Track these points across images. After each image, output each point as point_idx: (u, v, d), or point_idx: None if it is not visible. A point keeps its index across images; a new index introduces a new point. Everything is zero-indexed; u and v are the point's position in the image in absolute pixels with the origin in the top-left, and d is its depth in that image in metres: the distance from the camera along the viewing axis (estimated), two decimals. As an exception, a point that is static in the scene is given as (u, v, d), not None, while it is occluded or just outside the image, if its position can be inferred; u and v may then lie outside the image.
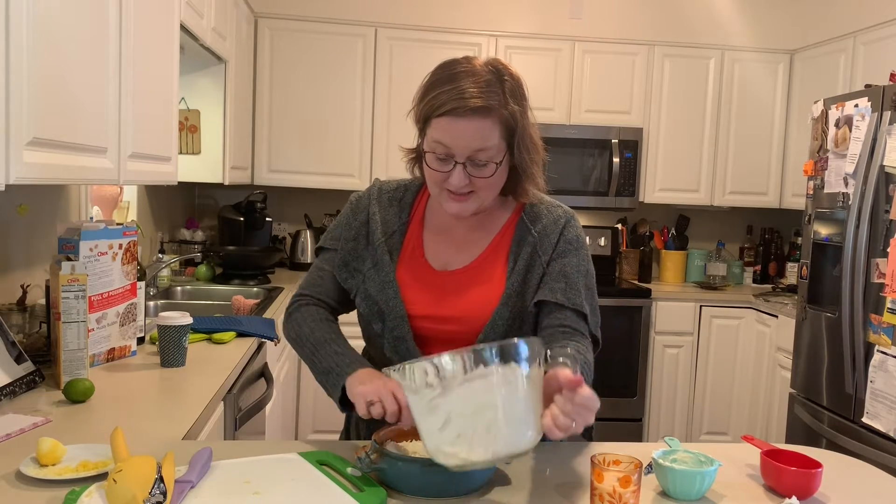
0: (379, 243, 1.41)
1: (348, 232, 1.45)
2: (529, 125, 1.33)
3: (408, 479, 1.14)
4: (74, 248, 1.81)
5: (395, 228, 1.43)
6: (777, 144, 4.27)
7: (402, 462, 1.14)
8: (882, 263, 2.66)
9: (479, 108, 1.24)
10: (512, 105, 1.28)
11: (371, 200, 1.46)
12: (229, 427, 1.88)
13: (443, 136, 1.26)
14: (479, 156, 1.27)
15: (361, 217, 1.45)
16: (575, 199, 4.11)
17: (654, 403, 4.02)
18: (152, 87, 2.13)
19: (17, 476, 1.17)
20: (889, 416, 2.61)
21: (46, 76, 1.45)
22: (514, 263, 1.38)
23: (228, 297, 3.14)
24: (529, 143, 1.33)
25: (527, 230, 1.40)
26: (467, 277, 1.39)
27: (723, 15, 4.19)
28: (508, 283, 1.36)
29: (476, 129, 1.25)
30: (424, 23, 4.00)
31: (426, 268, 1.40)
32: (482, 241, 1.41)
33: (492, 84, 1.27)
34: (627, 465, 1.09)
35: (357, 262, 1.43)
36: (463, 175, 1.28)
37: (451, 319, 1.36)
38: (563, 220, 1.41)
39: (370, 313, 1.40)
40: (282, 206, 4.29)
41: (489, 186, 1.31)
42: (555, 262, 1.38)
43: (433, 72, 1.32)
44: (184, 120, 3.21)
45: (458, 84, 1.25)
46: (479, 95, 1.24)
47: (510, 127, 1.29)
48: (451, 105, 1.24)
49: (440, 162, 1.29)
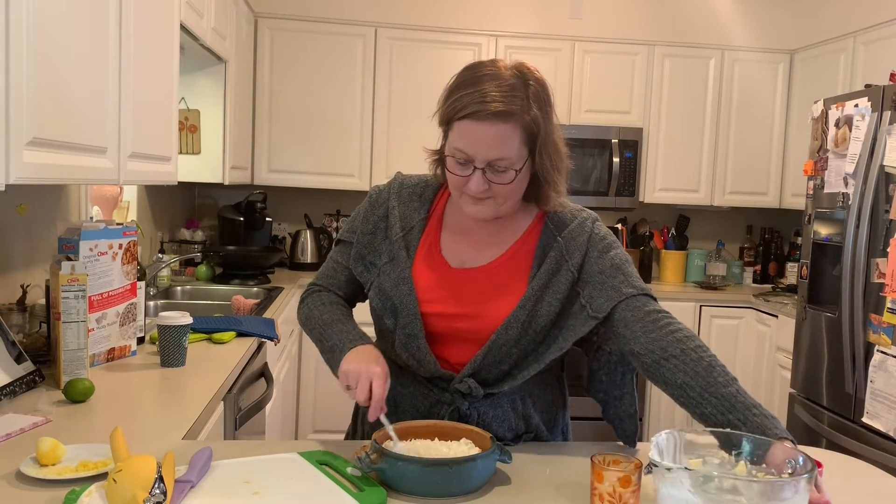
0: (396, 238, 1.39)
1: (365, 225, 1.44)
2: (553, 131, 1.31)
3: (408, 479, 1.14)
4: (74, 248, 1.81)
5: (414, 224, 1.41)
6: (777, 144, 4.27)
7: (402, 462, 1.14)
8: (882, 263, 2.66)
9: (501, 113, 1.23)
10: (535, 110, 1.27)
11: (391, 194, 1.44)
12: (229, 427, 1.88)
13: (463, 140, 1.26)
14: (498, 163, 1.26)
15: (380, 211, 1.44)
16: (575, 199, 4.03)
17: (654, 403, 4.02)
18: (152, 87, 2.13)
19: (17, 476, 1.17)
20: (889, 415, 2.61)
21: (46, 76, 1.45)
22: (537, 268, 1.35)
23: (228, 297, 3.14)
24: (552, 150, 1.31)
25: (552, 236, 1.38)
26: (486, 276, 1.37)
27: (723, 15, 4.19)
28: (530, 287, 1.33)
29: (496, 135, 1.24)
30: (424, 23, 4.00)
31: (443, 264, 1.39)
32: (503, 244, 1.39)
33: (516, 88, 1.26)
34: (627, 465, 1.09)
35: (373, 255, 1.42)
36: (482, 181, 1.27)
37: (465, 317, 1.35)
38: (589, 223, 1.40)
39: (382, 308, 1.39)
40: (282, 206, 4.29)
41: (508, 193, 1.30)
42: (595, 262, 1.35)
43: (458, 74, 1.30)
44: (184, 120, 3.21)
45: (482, 87, 1.24)
46: (500, 99, 1.23)
47: (532, 133, 1.27)
48: (472, 108, 1.23)
49: (460, 166, 1.28)
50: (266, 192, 3.96)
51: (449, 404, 1.37)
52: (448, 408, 1.37)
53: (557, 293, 1.33)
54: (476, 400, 1.36)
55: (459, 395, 1.35)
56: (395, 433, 1.22)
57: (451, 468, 1.13)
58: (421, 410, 1.39)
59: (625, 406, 1.44)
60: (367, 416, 1.24)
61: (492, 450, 1.18)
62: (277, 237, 4.26)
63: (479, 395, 1.35)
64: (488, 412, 1.37)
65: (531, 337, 1.33)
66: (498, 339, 1.32)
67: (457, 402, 1.36)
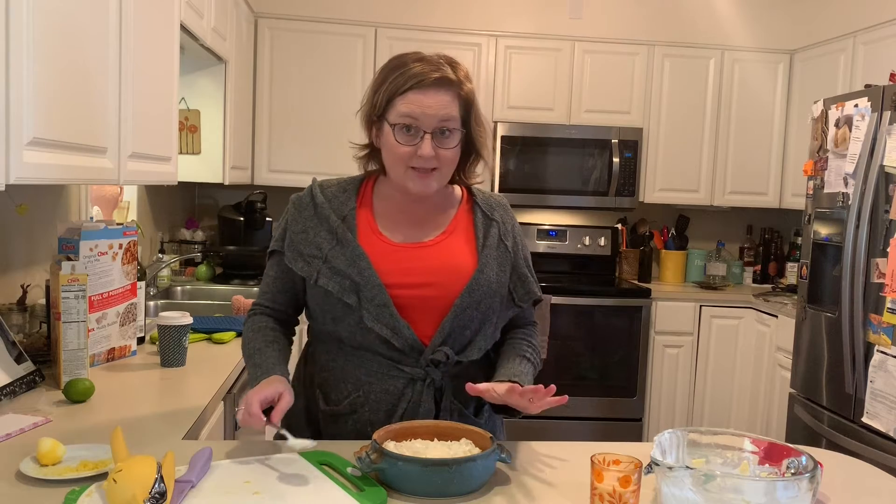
0: (336, 224, 1.42)
1: (295, 226, 1.46)
2: (480, 109, 1.44)
3: (408, 479, 1.14)
4: (74, 248, 1.81)
5: (346, 213, 1.44)
6: (777, 144, 4.27)
7: (402, 462, 1.14)
8: (882, 263, 2.66)
9: (442, 79, 1.35)
10: (468, 85, 1.39)
11: (315, 193, 1.47)
12: (229, 427, 1.89)
13: (410, 108, 1.34)
14: (446, 124, 1.35)
15: (307, 212, 1.46)
16: (575, 199, 4.12)
17: (653, 403, 4.02)
18: (152, 87, 2.13)
19: (17, 476, 1.17)
20: (889, 415, 2.61)
21: (47, 76, 1.45)
22: (483, 239, 1.45)
23: (228, 297, 3.14)
24: (483, 123, 1.44)
25: (486, 214, 1.49)
26: (437, 250, 1.43)
27: (723, 15, 4.19)
28: (482, 255, 1.43)
29: (440, 99, 1.35)
30: (424, 23, 4.00)
31: (386, 242, 1.43)
32: (440, 224, 1.47)
33: (446, 65, 1.38)
34: (627, 465, 1.09)
35: (310, 247, 1.42)
36: (431, 144, 1.35)
37: (427, 285, 1.39)
38: (510, 210, 1.54)
39: (341, 289, 1.38)
40: (282, 206, 4.23)
41: (452, 160, 1.39)
42: (519, 251, 1.50)
43: (385, 65, 1.40)
44: (184, 120, 3.21)
45: (416, 64, 1.35)
46: (437, 70, 1.35)
47: (467, 105, 1.39)
48: (415, 80, 1.34)
49: (408, 136, 1.35)
50: (266, 192, 3.96)
51: (423, 379, 1.38)
52: (422, 384, 1.38)
53: (504, 266, 1.45)
54: (447, 369, 1.40)
55: (432, 366, 1.39)
56: (289, 433, 1.26)
57: (452, 468, 1.13)
58: (391, 393, 1.39)
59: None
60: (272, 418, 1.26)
61: (492, 450, 1.18)
62: (277, 237, 4.25)
63: (453, 361, 1.39)
64: (460, 382, 1.37)
65: (488, 302, 1.41)
66: (461, 302, 1.38)
67: (431, 373, 1.38)
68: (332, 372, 1.44)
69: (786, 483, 1.01)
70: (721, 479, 1.02)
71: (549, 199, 4.14)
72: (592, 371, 3.89)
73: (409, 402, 1.39)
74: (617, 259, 4.40)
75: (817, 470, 1.04)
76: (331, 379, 1.44)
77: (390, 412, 1.39)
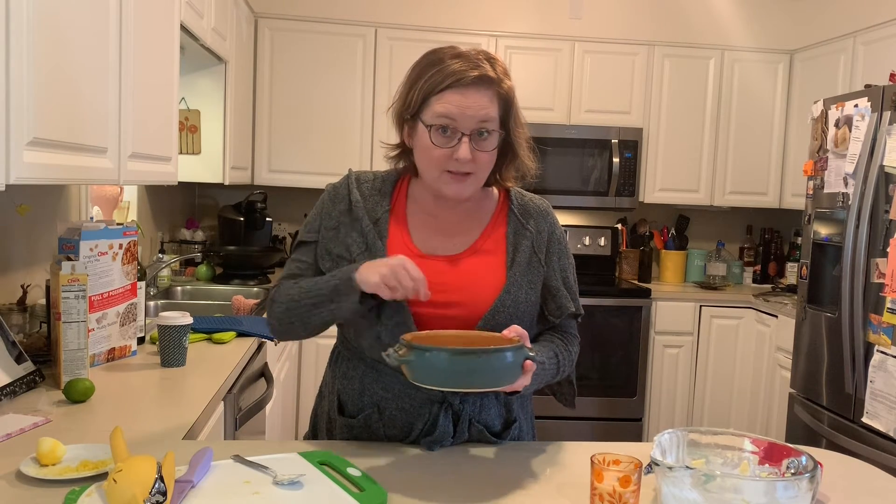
0: (368, 229, 1.37)
1: (328, 221, 1.40)
2: (519, 108, 1.37)
3: (435, 369, 1.13)
4: (74, 248, 1.81)
5: (380, 216, 1.39)
6: (777, 144, 4.27)
7: (429, 352, 1.12)
8: (882, 263, 2.66)
9: (481, 78, 1.28)
10: (508, 82, 1.32)
11: (351, 188, 1.41)
12: (229, 427, 1.89)
13: (448, 108, 1.27)
14: (485, 125, 1.29)
15: (341, 206, 1.40)
16: (575, 199, 4.12)
17: (653, 403, 4.02)
18: (152, 87, 2.13)
19: (17, 476, 1.17)
20: (889, 415, 2.61)
21: (47, 76, 1.45)
22: (513, 255, 1.38)
23: (228, 297, 3.14)
24: (522, 122, 1.37)
25: (520, 224, 1.42)
26: (465, 263, 1.37)
27: (723, 15, 4.19)
28: (510, 274, 1.36)
29: (479, 98, 1.28)
30: (424, 23, 4.00)
31: (415, 252, 1.37)
32: (473, 230, 1.41)
33: (485, 61, 1.30)
34: (627, 465, 1.09)
35: (340, 249, 1.37)
36: (470, 146, 1.28)
37: (453, 304, 1.33)
38: (550, 217, 1.47)
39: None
40: (282, 206, 4.29)
41: (488, 164, 1.34)
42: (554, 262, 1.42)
43: (419, 60, 1.35)
44: (184, 120, 3.21)
45: (454, 61, 1.29)
46: (477, 67, 1.28)
47: (507, 103, 1.32)
48: (453, 78, 1.27)
49: (445, 138, 1.29)
50: (266, 192, 3.96)
51: (440, 402, 1.34)
52: (439, 406, 1.34)
53: (534, 282, 1.38)
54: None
55: None
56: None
57: (480, 357, 1.12)
58: (408, 412, 1.36)
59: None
60: (423, 296, 1.22)
61: (520, 345, 1.17)
62: (277, 237, 4.26)
63: None
64: (477, 402, 1.36)
65: (514, 323, 1.31)
66: (484, 325, 1.32)
67: (448, 396, 1.34)
68: (351, 381, 1.40)
69: (786, 483, 1.01)
70: (721, 480, 1.02)
71: (548, 198, 4.08)
72: (592, 371, 3.89)
73: (424, 423, 1.35)
74: (617, 259, 4.40)
75: (817, 470, 1.04)
76: (349, 388, 1.40)
77: (406, 430, 1.36)
